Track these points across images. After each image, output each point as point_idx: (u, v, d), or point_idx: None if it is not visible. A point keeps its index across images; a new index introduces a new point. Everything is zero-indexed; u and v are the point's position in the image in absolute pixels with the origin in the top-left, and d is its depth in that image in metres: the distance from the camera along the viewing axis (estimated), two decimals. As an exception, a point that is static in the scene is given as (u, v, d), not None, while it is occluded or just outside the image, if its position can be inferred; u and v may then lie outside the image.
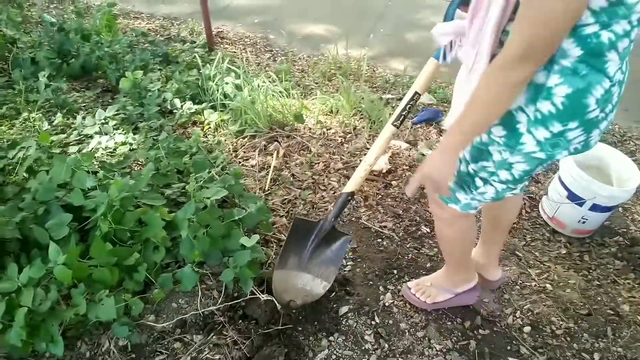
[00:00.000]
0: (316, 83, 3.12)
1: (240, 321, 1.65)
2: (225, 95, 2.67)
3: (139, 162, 2.18)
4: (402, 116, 1.65)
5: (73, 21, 3.19)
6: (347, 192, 1.75)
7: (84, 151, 2.12)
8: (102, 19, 3.28)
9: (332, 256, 1.80)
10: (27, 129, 2.38)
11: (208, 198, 1.83)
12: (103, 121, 2.40)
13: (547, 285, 2.01)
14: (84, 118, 2.40)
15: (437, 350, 1.68)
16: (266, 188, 2.20)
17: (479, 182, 1.33)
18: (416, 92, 1.58)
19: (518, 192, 1.53)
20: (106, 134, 2.34)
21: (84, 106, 2.62)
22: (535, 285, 2.00)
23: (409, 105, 1.62)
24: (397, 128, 1.67)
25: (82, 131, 2.34)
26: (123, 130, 2.37)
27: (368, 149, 2.56)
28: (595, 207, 2.14)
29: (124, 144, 2.28)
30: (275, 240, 1.96)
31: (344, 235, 1.84)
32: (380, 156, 1.73)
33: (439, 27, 1.40)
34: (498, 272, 1.90)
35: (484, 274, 1.88)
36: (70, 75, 2.87)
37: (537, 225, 2.36)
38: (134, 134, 2.36)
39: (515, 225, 2.30)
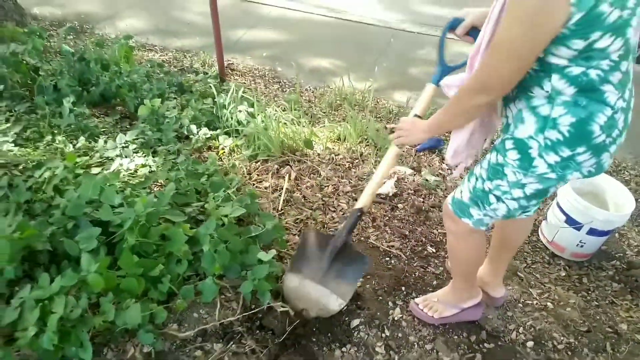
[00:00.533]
0: (323, 112, 3.28)
1: (258, 331, 1.73)
2: (239, 122, 2.81)
3: (159, 183, 2.30)
4: None
5: (92, 52, 3.36)
6: (358, 208, 1.85)
7: (106, 172, 2.23)
8: (120, 51, 3.45)
9: (349, 274, 1.85)
10: (51, 152, 2.50)
11: (226, 216, 1.94)
12: (124, 145, 2.52)
13: (549, 303, 2.11)
14: (105, 142, 2.53)
15: (444, 363, 1.76)
16: (279, 208, 2.32)
17: (492, 199, 1.46)
18: (416, 115, 1.71)
19: (531, 213, 1.68)
20: (126, 157, 2.46)
21: (104, 131, 2.75)
22: (536, 304, 2.10)
23: None
24: (400, 148, 1.79)
25: (103, 154, 2.46)
26: (143, 154, 2.49)
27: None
28: (592, 232, 2.25)
29: (143, 166, 2.40)
30: (289, 257, 2.06)
31: (362, 256, 1.90)
32: (387, 175, 1.84)
33: (446, 80, 1.61)
34: (502, 289, 2.00)
35: (489, 291, 1.98)
36: (90, 102, 3.01)
37: (537, 249, 2.46)
38: (153, 157, 2.49)
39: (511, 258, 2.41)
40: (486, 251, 2.04)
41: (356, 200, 2.45)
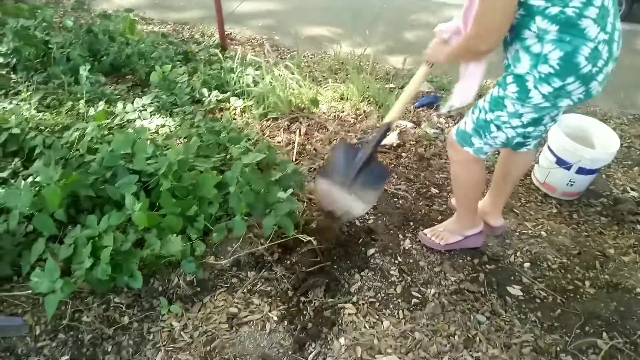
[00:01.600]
0: (324, 76, 3.43)
1: (287, 259, 1.93)
2: (247, 85, 2.97)
3: (180, 142, 2.46)
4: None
5: (98, 25, 3.48)
6: (386, 123, 1.96)
7: (134, 128, 2.38)
8: (124, 23, 3.57)
9: (373, 183, 1.97)
10: (72, 116, 2.64)
11: (248, 165, 2.11)
12: (141, 108, 2.67)
13: (542, 232, 2.32)
14: (124, 106, 2.68)
15: (452, 281, 1.98)
16: (293, 159, 2.50)
17: (493, 127, 1.66)
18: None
19: (532, 148, 1.90)
20: (145, 119, 2.61)
21: (119, 97, 2.89)
22: (531, 233, 2.31)
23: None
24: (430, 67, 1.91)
25: (124, 117, 2.61)
26: (160, 115, 2.64)
27: (379, 127, 2.87)
28: (581, 170, 2.43)
29: (163, 126, 2.56)
30: (307, 200, 2.25)
31: (385, 168, 2.05)
32: (416, 91, 1.94)
33: (440, 26, 1.81)
34: (501, 220, 2.21)
35: (489, 221, 2.19)
36: (101, 71, 3.14)
37: (531, 190, 2.66)
38: (171, 117, 2.64)
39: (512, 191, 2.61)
40: (487, 183, 2.25)
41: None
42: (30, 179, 1.93)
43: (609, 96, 3.45)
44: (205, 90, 2.91)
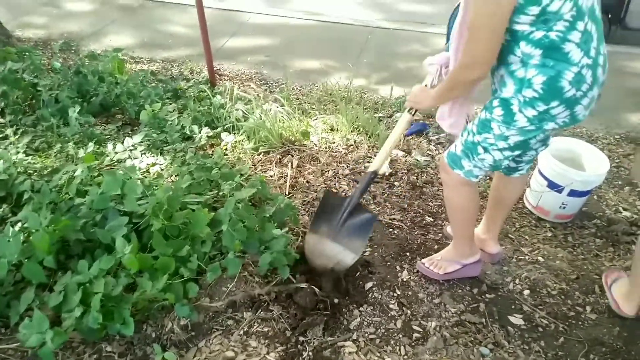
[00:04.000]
0: (313, 107, 3.45)
1: (284, 298, 1.89)
2: (237, 120, 2.97)
3: (171, 180, 2.44)
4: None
5: (87, 65, 3.49)
6: (372, 171, 2.02)
7: (125, 167, 2.36)
8: (112, 63, 3.58)
9: (360, 231, 2.03)
10: (61, 159, 2.62)
11: (240, 201, 2.09)
12: (132, 147, 2.66)
13: (539, 258, 2.31)
14: (114, 146, 2.66)
15: (452, 313, 1.95)
16: (287, 193, 2.48)
17: (480, 150, 1.68)
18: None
19: (524, 172, 1.93)
20: (136, 158, 2.59)
21: (108, 137, 2.88)
22: (529, 259, 2.30)
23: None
24: (412, 115, 1.96)
25: (113, 157, 2.59)
26: (151, 154, 2.63)
27: (370, 157, 2.88)
28: (572, 193, 2.45)
29: (154, 165, 2.54)
30: (302, 233, 2.23)
31: (370, 214, 2.08)
32: (399, 139, 2.02)
33: (429, 59, 1.86)
34: (497, 246, 2.20)
35: (485, 248, 2.17)
36: (90, 112, 3.12)
37: (524, 215, 2.66)
38: (162, 156, 2.63)
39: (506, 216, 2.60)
40: (482, 210, 2.24)
41: (357, 182, 2.64)
42: (19, 225, 1.89)
43: (595, 117, 3.50)
44: (195, 127, 2.91)
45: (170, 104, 3.31)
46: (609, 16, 4.42)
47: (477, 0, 1.38)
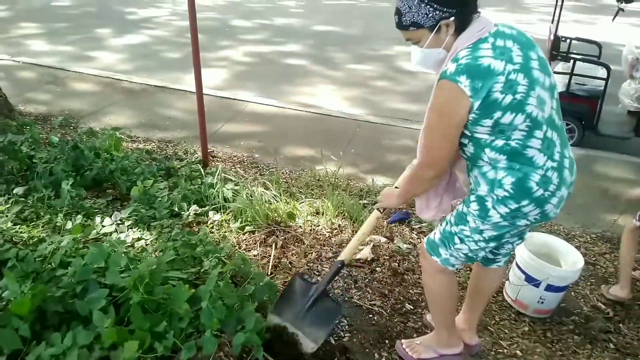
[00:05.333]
0: (300, 191, 3.57)
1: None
2: (226, 200, 3.06)
3: (156, 255, 2.46)
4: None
5: (85, 141, 3.62)
6: (340, 260, 2.09)
7: (111, 240, 2.39)
8: (109, 140, 3.73)
9: (323, 321, 2.03)
10: (49, 229, 2.65)
11: (222, 279, 2.12)
12: (119, 222, 2.70)
13: (518, 352, 2.31)
14: (102, 219, 2.71)
15: (430, 405, 1.91)
16: (269, 273, 2.50)
17: (456, 240, 1.77)
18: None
19: (502, 264, 2.02)
20: (122, 232, 2.63)
21: (97, 210, 2.93)
22: (507, 352, 2.30)
23: None
24: (381, 213, 2.08)
25: (100, 230, 2.63)
26: (138, 229, 2.67)
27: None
28: (549, 288, 2.50)
29: (139, 239, 2.57)
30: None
31: (338, 305, 2.10)
32: (368, 233, 2.11)
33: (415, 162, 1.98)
34: (475, 338, 2.22)
35: (464, 339, 2.18)
36: (82, 185, 3.20)
37: (504, 308, 2.69)
38: (148, 231, 2.67)
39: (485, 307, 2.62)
40: (461, 300, 2.28)
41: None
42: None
43: (572, 216, 3.63)
44: (184, 205, 2.98)
45: (162, 181, 3.41)
46: (582, 123, 4.73)
47: (432, 112, 1.57)
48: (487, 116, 1.49)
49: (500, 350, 2.29)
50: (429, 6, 1.50)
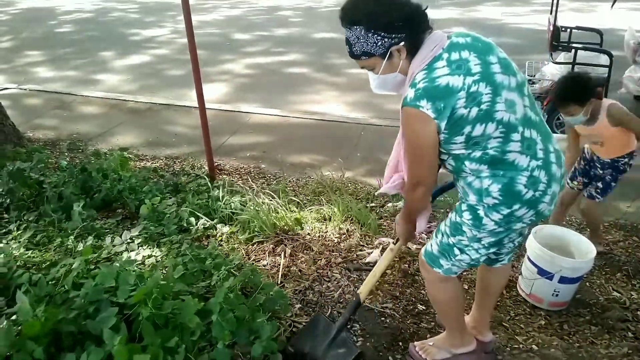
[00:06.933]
0: (307, 199, 3.58)
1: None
2: (233, 212, 3.08)
3: (165, 271, 2.48)
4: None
5: (93, 163, 3.68)
6: (359, 296, 2.10)
7: (121, 261, 2.42)
8: (117, 161, 3.78)
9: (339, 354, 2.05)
10: (61, 252, 2.69)
11: (232, 291, 2.13)
12: (129, 240, 2.74)
13: (534, 346, 2.28)
14: (112, 239, 2.74)
15: (447, 404, 1.90)
16: (279, 282, 2.51)
17: (456, 251, 1.75)
18: None
19: (506, 262, 1.98)
20: (132, 251, 2.66)
21: (108, 230, 2.97)
22: (523, 347, 2.27)
23: None
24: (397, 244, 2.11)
25: (111, 250, 2.66)
26: (148, 246, 2.70)
27: (362, 245, 2.95)
28: (563, 280, 2.47)
29: (150, 256, 2.60)
30: (293, 322, 2.23)
31: (355, 348, 2.09)
32: (385, 267, 2.15)
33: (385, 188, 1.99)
34: (489, 334, 2.19)
35: (477, 336, 2.16)
36: (92, 207, 3.25)
37: (518, 302, 2.66)
38: (158, 248, 2.70)
39: (499, 303, 2.59)
40: (466, 297, 2.26)
41: (348, 270, 2.68)
42: (13, 317, 1.92)
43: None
44: (192, 219, 3.01)
45: (170, 197, 3.44)
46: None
47: (404, 139, 1.57)
48: (458, 133, 1.48)
49: (516, 346, 2.27)
50: (376, 35, 1.49)
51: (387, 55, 1.53)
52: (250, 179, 4.05)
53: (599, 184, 2.84)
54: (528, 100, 1.58)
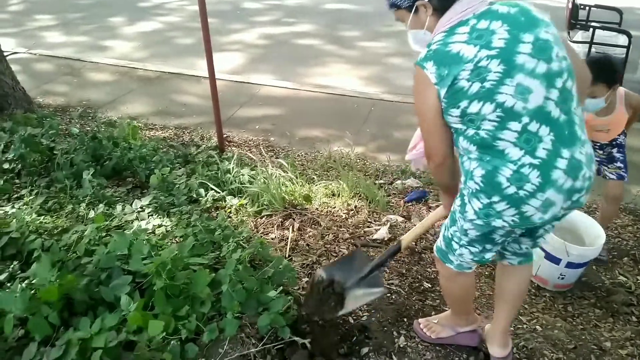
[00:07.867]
0: (316, 174, 3.58)
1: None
2: (242, 184, 3.10)
3: (176, 241, 2.52)
4: None
5: (102, 132, 3.69)
6: (400, 242, 2.16)
7: (134, 228, 2.45)
8: (127, 129, 3.79)
9: (366, 294, 2.15)
10: (72, 219, 2.72)
11: (241, 262, 2.15)
12: (140, 209, 2.76)
13: (537, 327, 2.31)
14: (123, 208, 2.77)
15: (449, 381, 1.94)
16: (286, 255, 2.54)
17: (455, 245, 1.73)
18: None
19: (515, 263, 1.85)
20: (143, 220, 2.69)
21: (118, 199, 3.00)
22: (526, 327, 2.30)
23: None
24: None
25: (122, 218, 2.69)
26: (158, 216, 2.73)
27: (370, 221, 2.96)
28: (570, 265, 2.47)
29: (160, 226, 2.63)
30: (300, 296, 2.26)
31: (380, 286, 2.19)
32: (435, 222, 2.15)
33: (410, 155, 2.02)
34: (501, 350, 1.97)
35: (489, 349, 2.01)
36: (102, 175, 3.27)
37: (523, 283, 2.68)
38: (168, 218, 2.72)
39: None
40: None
41: (356, 246, 2.70)
42: (27, 282, 1.96)
43: (594, 189, 3.55)
44: (202, 191, 3.03)
45: (180, 168, 3.46)
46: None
47: (415, 102, 1.54)
48: (454, 105, 1.43)
49: (520, 326, 2.30)
50: None
51: (414, 10, 1.54)
52: (259, 152, 4.05)
53: (618, 164, 2.78)
54: (558, 94, 1.42)
